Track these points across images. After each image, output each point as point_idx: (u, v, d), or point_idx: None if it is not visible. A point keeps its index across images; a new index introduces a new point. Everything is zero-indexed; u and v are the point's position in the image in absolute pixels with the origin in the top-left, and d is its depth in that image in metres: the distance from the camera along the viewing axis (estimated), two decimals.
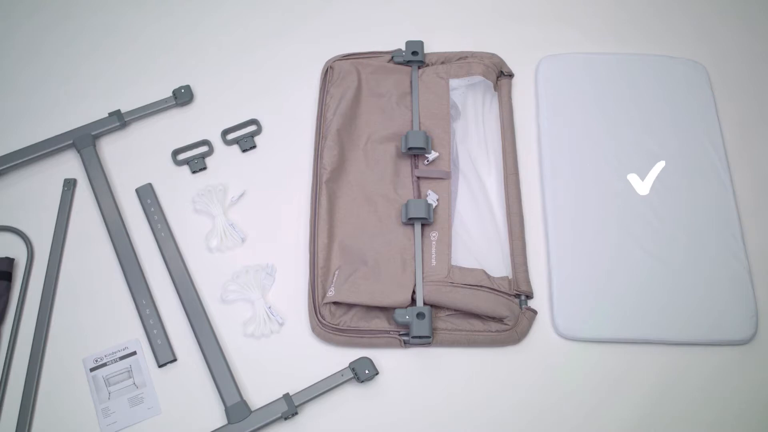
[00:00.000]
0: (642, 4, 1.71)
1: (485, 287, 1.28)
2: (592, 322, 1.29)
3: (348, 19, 1.69)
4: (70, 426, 1.24)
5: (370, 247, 1.34)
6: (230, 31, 1.68)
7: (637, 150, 1.45)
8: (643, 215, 1.38)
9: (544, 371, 1.28)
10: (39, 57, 1.65)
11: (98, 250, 1.40)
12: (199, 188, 1.46)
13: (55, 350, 1.31)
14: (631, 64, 1.56)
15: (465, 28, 1.67)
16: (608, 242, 1.36)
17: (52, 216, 1.44)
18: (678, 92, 1.52)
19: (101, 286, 1.37)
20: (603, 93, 1.53)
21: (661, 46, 1.61)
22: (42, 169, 1.50)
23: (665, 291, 1.31)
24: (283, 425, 1.23)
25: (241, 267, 1.37)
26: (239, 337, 1.31)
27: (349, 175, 1.42)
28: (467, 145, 1.47)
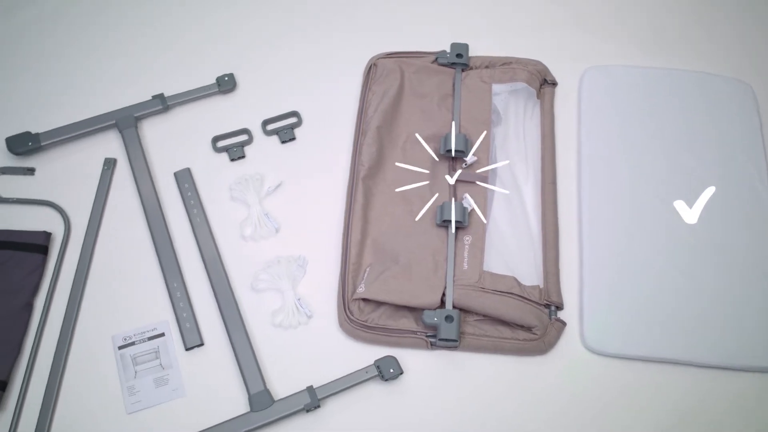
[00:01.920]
0: (690, 20, 1.69)
1: (515, 295, 1.28)
2: (620, 337, 1.28)
3: (394, 17, 1.69)
4: (96, 401, 1.26)
5: (402, 246, 1.34)
6: (277, 22, 1.69)
7: (677, 170, 1.44)
8: (681, 236, 1.37)
9: (569, 383, 1.27)
10: (87, 37, 1.67)
11: (134, 230, 1.41)
12: (237, 176, 1.46)
13: (85, 325, 1.32)
14: (676, 80, 1.55)
15: (511, 33, 1.66)
16: (642, 259, 1.35)
17: (90, 194, 1.45)
18: (723, 112, 1.51)
19: (134, 265, 1.38)
20: (646, 108, 1.51)
21: (707, 63, 1.60)
22: (84, 147, 1.52)
23: (697, 313, 1.29)
24: (305, 417, 1.23)
25: (273, 257, 1.37)
26: (267, 327, 1.32)
27: (386, 173, 1.42)
28: (506, 151, 1.46)
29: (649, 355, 1.27)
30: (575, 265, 1.38)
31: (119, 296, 1.35)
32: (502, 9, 1.70)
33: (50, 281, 1.36)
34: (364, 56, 1.60)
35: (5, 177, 1.47)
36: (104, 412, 1.24)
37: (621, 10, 1.70)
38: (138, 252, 1.39)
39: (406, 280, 1.29)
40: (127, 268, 1.38)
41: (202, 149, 1.51)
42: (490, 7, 1.71)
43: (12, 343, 1.28)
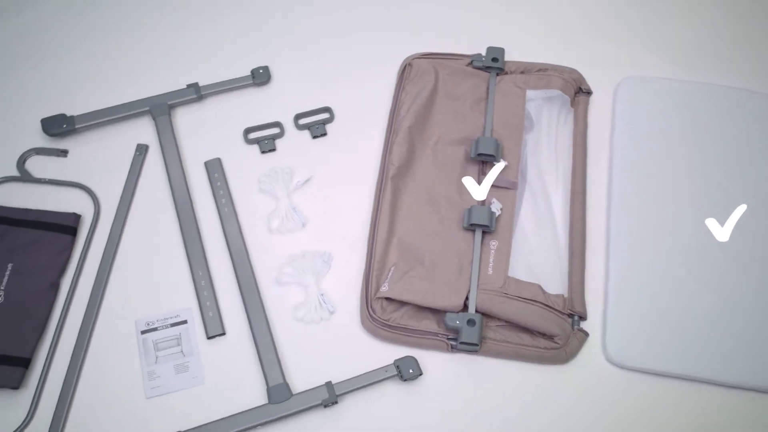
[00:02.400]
0: (730, 34, 1.67)
1: (539, 302, 1.27)
2: (643, 352, 1.27)
3: (431, 18, 1.69)
4: (116, 383, 1.27)
5: (428, 247, 1.34)
6: (313, 17, 1.69)
7: (710, 187, 1.42)
8: (711, 254, 1.35)
9: (588, 395, 1.26)
10: (126, 24, 1.68)
11: (162, 217, 1.42)
12: (267, 169, 1.47)
13: (109, 308, 1.34)
14: (715, 96, 1.53)
15: (547, 39, 1.65)
16: (670, 274, 1.33)
17: (121, 178, 1.47)
18: (761, 131, 1.49)
19: (161, 252, 1.39)
20: (681, 122, 1.50)
21: (748, 81, 1.58)
22: (117, 132, 1.53)
23: (723, 331, 1.28)
24: (322, 412, 1.24)
25: (298, 251, 1.38)
26: (289, 320, 1.32)
27: (415, 173, 1.42)
28: (537, 158, 1.45)
29: (672, 371, 1.26)
30: (601, 276, 1.37)
31: (144, 281, 1.36)
32: (539, 15, 1.70)
33: (77, 262, 1.37)
34: (398, 55, 1.60)
35: (39, 158, 1.49)
36: (124, 395, 1.26)
37: (661, 22, 1.69)
38: (165, 238, 1.40)
39: (430, 281, 1.29)
40: (153, 253, 1.39)
41: (234, 140, 1.52)
42: (527, 12, 1.70)
43: (37, 321, 1.30)
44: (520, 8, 1.71)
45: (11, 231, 1.38)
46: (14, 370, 1.24)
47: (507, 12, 1.70)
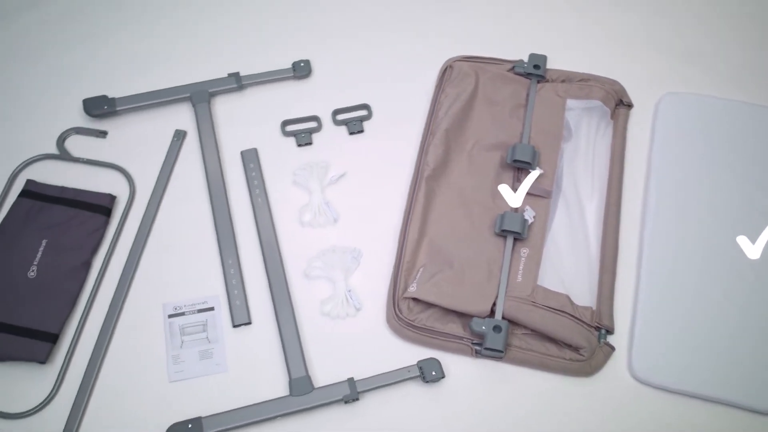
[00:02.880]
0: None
1: (567, 313, 1.26)
2: (669, 370, 1.26)
3: (475, 21, 1.69)
4: (140, 364, 1.28)
5: (458, 251, 1.33)
6: (357, 14, 1.70)
7: (746, 206, 1.41)
8: (742, 272, 1.34)
9: (611, 409, 1.25)
10: (171, 11, 1.70)
11: (195, 203, 1.43)
12: (302, 162, 1.48)
13: (138, 290, 1.35)
14: (754, 115, 1.52)
15: (590, 50, 1.64)
16: (701, 292, 1.32)
17: (158, 162, 1.48)
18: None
19: (192, 238, 1.40)
20: (721, 140, 1.48)
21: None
22: (156, 116, 1.54)
23: (753, 353, 1.26)
24: (342, 408, 1.24)
25: (328, 246, 1.38)
26: (315, 314, 1.32)
27: (450, 176, 1.42)
28: (573, 168, 1.44)
29: (698, 391, 1.24)
30: (631, 290, 1.36)
31: (174, 266, 1.37)
32: (583, 24, 1.69)
33: (110, 243, 1.39)
34: (440, 57, 1.60)
35: (79, 137, 1.51)
36: (147, 376, 1.27)
37: (706, 39, 1.67)
38: (197, 225, 1.41)
39: (458, 284, 1.29)
40: (185, 239, 1.40)
41: (271, 131, 1.52)
42: (572, 21, 1.69)
43: (67, 298, 1.31)
44: (566, 17, 1.70)
45: (47, 208, 1.40)
46: (42, 344, 1.26)
47: (552, 20, 1.69)
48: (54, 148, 1.49)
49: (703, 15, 1.71)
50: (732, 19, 1.71)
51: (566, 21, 1.69)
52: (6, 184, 1.44)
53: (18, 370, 1.26)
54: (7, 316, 1.27)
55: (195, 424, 1.20)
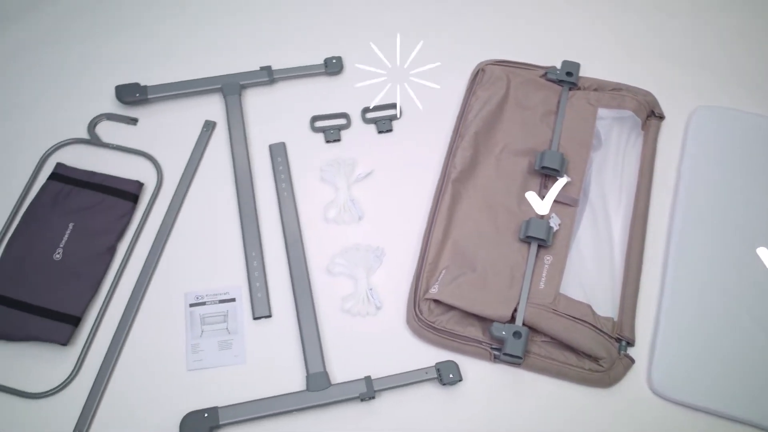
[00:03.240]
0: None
1: (588, 323, 1.26)
2: (689, 385, 1.24)
3: (509, 24, 1.68)
4: (160, 350, 1.29)
5: (482, 254, 1.33)
6: (391, 13, 1.70)
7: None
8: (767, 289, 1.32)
9: (628, 422, 1.24)
10: (205, 2, 1.71)
11: (222, 194, 1.44)
12: (330, 158, 1.48)
13: (161, 277, 1.36)
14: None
15: (624, 59, 1.63)
16: (724, 309, 1.31)
17: (186, 152, 1.49)
18: None
19: (217, 228, 1.41)
20: (753, 156, 1.47)
21: None
22: (187, 106, 1.55)
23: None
24: (358, 406, 1.24)
25: (352, 243, 1.38)
26: (335, 310, 1.33)
27: (477, 179, 1.42)
28: (602, 177, 1.43)
29: (717, 408, 1.23)
30: (653, 303, 1.34)
31: (198, 255, 1.38)
32: (619, 34, 1.67)
33: (136, 229, 1.40)
34: (471, 59, 1.60)
35: (109, 123, 1.52)
36: (166, 363, 1.28)
37: (741, 54, 1.65)
38: (222, 216, 1.42)
39: (480, 288, 1.28)
40: (209, 229, 1.41)
41: (300, 126, 1.53)
42: (607, 30, 1.68)
43: (91, 282, 1.32)
44: (600, 25, 1.69)
45: (75, 192, 1.41)
46: (64, 327, 1.27)
47: (586, 28, 1.68)
48: (85, 133, 1.50)
49: (740, 29, 1.69)
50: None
51: (600, 29, 1.68)
52: (36, 166, 1.45)
53: (40, 350, 1.27)
54: (31, 296, 1.29)
55: (211, 414, 1.20)
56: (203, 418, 1.20)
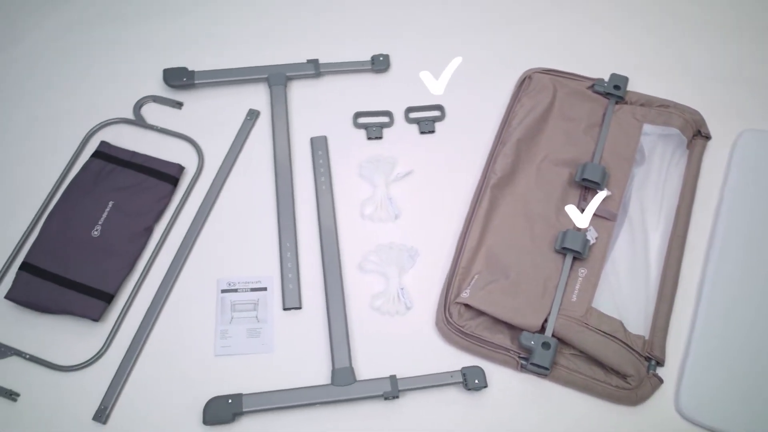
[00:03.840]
0: None
1: (618, 339, 1.24)
2: (717, 410, 1.23)
3: (559, 34, 1.67)
4: (188, 334, 1.30)
5: (516, 262, 1.32)
6: (441, 15, 1.70)
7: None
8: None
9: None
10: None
11: (260, 183, 1.45)
12: (370, 155, 1.48)
13: (195, 261, 1.37)
14: None
15: (674, 77, 1.61)
16: (760, 337, 1.28)
17: (228, 139, 1.50)
18: None
19: (253, 216, 1.41)
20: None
21: None
22: (232, 93, 1.57)
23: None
24: (381, 404, 1.24)
25: (386, 242, 1.38)
26: (365, 307, 1.33)
27: (516, 186, 1.41)
28: (642, 193, 1.42)
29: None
30: (686, 324, 1.33)
31: (233, 242, 1.39)
32: (669, 51, 1.65)
33: (173, 212, 1.41)
34: (519, 66, 1.59)
35: (155, 105, 1.54)
36: (194, 347, 1.29)
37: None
38: (260, 205, 1.43)
39: (512, 296, 1.28)
40: (246, 217, 1.41)
41: (343, 121, 1.53)
42: (657, 46, 1.66)
43: (127, 261, 1.34)
44: (652, 41, 1.67)
45: (117, 171, 1.43)
46: (97, 303, 1.28)
47: (636, 42, 1.66)
48: (130, 113, 1.52)
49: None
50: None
51: (651, 44, 1.66)
52: (81, 143, 1.48)
53: (72, 324, 1.29)
54: (67, 271, 1.31)
55: (235, 400, 1.21)
56: (227, 404, 1.21)
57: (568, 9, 1.71)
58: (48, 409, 1.23)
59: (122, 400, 1.24)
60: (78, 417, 1.22)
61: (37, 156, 1.47)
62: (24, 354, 1.26)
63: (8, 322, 1.30)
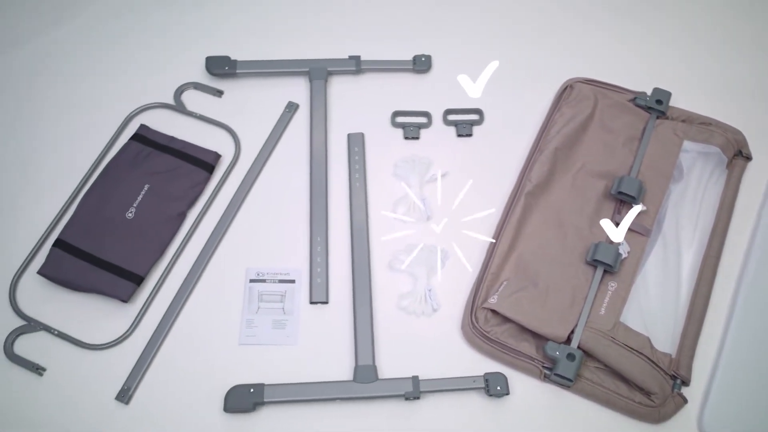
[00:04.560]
0: None
1: (645, 356, 1.23)
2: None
3: (603, 44, 1.65)
4: (214, 321, 1.31)
5: (545, 271, 1.31)
6: (484, 18, 1.69)
7: None
8: None
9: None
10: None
11: (295, 176, 1.46)
12: (406, 155, 1.48)
13: (225, 250, 1.38)
14: None
15: (717, 94, 1.58)
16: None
17: (266, 130, 1.51)
18: None
19: (286, 209, 1.42)
20: None
21: None
22: (272, 85, 1.57)
23: None
24: (402, 404, 1.24)
25: (417, 242, 1.38)
26: (391, 306, 1.33)
27: (550, 195, 1.40)
28: (678, 210, 1.40)
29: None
30: (714, 346, 1.31)
31: (264, 232, 1.40)
32: (714, 68, 1.63)
33: (207, 199, 1.42)
34: (561, 74, 1.58)
35: (196, 92, 1.55)
36: (219, 334, 1.30)
37: None
38: (293, 197, 1.43)
39: (539, 305, 1.27)
40: (278, 208, 1.42)
41: (381, 119, 1.53)
42: (702, 62, 1.64)
43: (159, 244, 1.35)
44: (697, 57, 1.64)
45: (155, 155, 1.44)
46: (127, 284, 1.30)
47: (682, 58, 1.64)
48: (171, 99, 1.54)
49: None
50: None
51: (697, 61, 1.64)
52: (120, 125, 1.49)
53: (101, 303, 1.31)
54: (100, 251, 1.32)
55: (257, 390, 1.22)
56: (249, 393, 1.21)
57: (612, 20, 1.69)
58: (72, 385, 1.24)
59: (145, 381, 1.25)
60: (101, 395, 1.24)
61: (78, 136, 1.49)
62: (52, 330, 1.28)
63: (39, 298, 1.32)
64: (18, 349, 1.27)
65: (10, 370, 1.25)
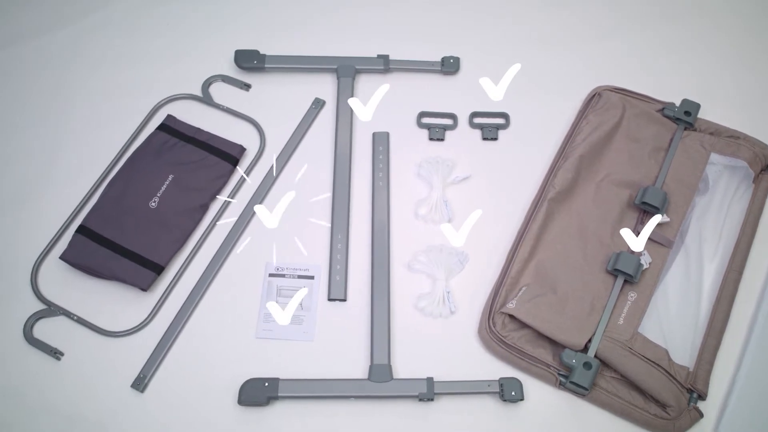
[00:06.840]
0: None
1: (662, 368, 1.22)
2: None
3: (633, 53, 1.64)
4: (232, 313, 1.32)
5: (565, 279, 1.31)
6: (515, 25, 1.68)
7: None
8: None
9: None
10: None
11: (318, 173, 1.46)
12: (430, 156, 1.48)
13: (246, 243, 1.38)
14: None
15: (747, 108, 1.56)
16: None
17: (291, 125, 1.51)
18: None
19: (308, 205, 1.42)
20: None
21: None
22: (300, 80, 1.58)
23: None
24: (415, 405, 1.24)
25: (437, 244, 1.38)
26: (409, 307, 1.33)
27: (573, 202, 1.39)
28: (702, 223, 1.39)
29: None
30: (732, 361, 1.30)
31: (285, 227, 1.40)
32: (744, 82, 1.61)
33: (231, 191, 1.43)
34: (587, 83, 1.57)
35: (223, 85, 1.56)
36: (236, 327, 1.30)
37: None
38: (315, 194, 1.43)
39: (558, 312, 1.26)
40: (300, 204, 1.42)
41: (406, 119, 1.53)
42: (732, 75, 1.62)
43: (180, 234, 1.36)
44: (727, 70, 1.63)
45: (180, 145, 1.45)
46: (147, 273, 1.31)
47: (712, 70, 1.62)
48: (198, 91, 1.54)
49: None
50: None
51: (726, 74, 1.62)
52: (147, 115, 1.50)
53: (120, 291, 1.32)
54: (122, 238, 1.33)
55: (272, 384, 1.22)
56: (263, 387, 1.22)
57: (642, 30, 1.68)
58: (89, 371, 1.26)
59: (161, 370, 1.26)
60: (117, 382, 1.25)
61: (105, 124, 1.50)
62: (72, 315, 1.29)
63: (61, 283, 1.33)
64: (37, 333, 1.28)
65: (28, 353, 1.27)
